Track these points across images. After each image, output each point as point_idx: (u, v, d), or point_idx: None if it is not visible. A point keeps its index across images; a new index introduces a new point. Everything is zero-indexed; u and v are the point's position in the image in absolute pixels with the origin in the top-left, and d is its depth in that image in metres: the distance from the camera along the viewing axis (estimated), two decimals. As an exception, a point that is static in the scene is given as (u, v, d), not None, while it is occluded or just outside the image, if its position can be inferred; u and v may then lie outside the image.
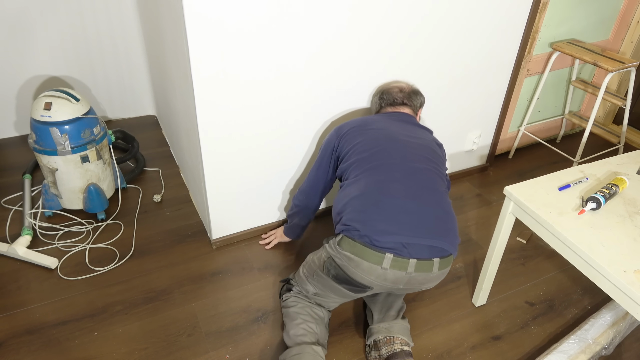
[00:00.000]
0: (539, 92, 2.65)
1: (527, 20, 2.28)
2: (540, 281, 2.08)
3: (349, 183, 1.64)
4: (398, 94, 1.93)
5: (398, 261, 1.48)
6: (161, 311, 1.84)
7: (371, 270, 1.50)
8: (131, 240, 2.16)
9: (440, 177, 1.67)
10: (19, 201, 2.32)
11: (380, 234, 1.48)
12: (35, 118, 2.01)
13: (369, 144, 1.69)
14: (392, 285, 1.54)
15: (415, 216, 1.52)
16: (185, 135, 2.11)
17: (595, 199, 1.51)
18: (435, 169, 1.67)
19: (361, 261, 1.49)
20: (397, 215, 1.51)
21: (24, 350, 1.67)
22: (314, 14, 1.72)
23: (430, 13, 1.97)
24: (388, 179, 1.58)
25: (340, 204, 1.63)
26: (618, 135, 2.87)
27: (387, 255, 1.47)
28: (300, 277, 1.74)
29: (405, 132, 1.75)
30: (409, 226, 1.50)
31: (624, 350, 1.81)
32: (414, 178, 1.59)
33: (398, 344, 1.61)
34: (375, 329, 1.69)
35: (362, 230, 1.50)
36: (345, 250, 1.52)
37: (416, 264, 1.49)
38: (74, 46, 2.69)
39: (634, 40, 2.75)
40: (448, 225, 1.56)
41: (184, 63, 1.70)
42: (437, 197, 1.59)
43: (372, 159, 1.64)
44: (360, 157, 1.67)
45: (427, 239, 1.50)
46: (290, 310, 1.71)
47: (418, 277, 1.52)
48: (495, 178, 2.72)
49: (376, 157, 1.64)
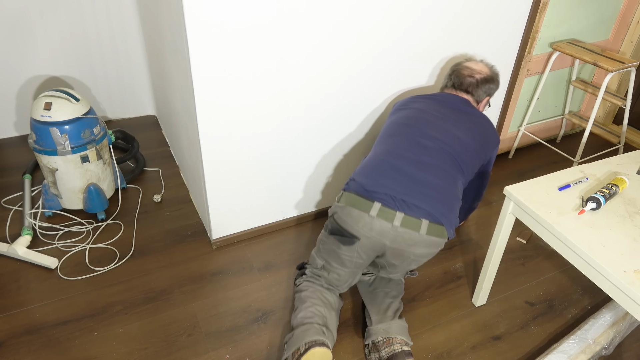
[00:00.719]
0: (539, 92, 2.65)
1: (527, 20, 2.28)
2: (540, 281, 2.08)
3: (373, 147, 1.80)
4: (466, 78, 1.91)
5: (385, 211, 1.56)
6: (161, 311, 1.84)
7: (359, 218, 1.59)
8: (131, 240, 2.16)
9: (458, 166, 1.70)
10: (19, 201, 2.32)
11: (373, 184, 1.60)
12: (35, 118, 2.01)
13: (398, 125, 1.78)
14: (378, 237, 1.58)
15: (413, 180, 1.60)
16: (185, 135, 2.11)
17: (595, 199, 1.51)
18: (456, 158, 1.70)
19: (352, 209, 1.60)
20: (395, 173, 1.62)
21: (24, 350, 1.67)
22: (313, 12, 1.72)
23: (429, 10, 1.97)
24: (400, 151, 1.68)
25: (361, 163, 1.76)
26: (618, 135, 2.87)
27: (375, 203, 1.57)
28: (312, 255, 1.82)
29: (444, 119, 1.77)
30: (404, 185, 1.59)
31: (624, 350, 1.81)
32: (426, 155, 1.66)
33: (397, 345, 1.61)
34: (373, 330, 1.69)
35: (358, 179, 1.64)
36: (342, 202, 1.65)
37: (403, 218, 1.55)
38: (74, 46, 2.69)
39: (634, 40, 2.75)
40: (444, 199, 1.60)
41: (184, 63, 1.70)
42: (444, 176, 1.64)
43: (398, 130, 1.75)
44: (384, 134, 1.79)
45: (418, 201, 1.57)
46: (301, 295, 1.74)
47: (404, 235, 1.56)
48: (495, 178, 2.72)
49: (402, 129, 1.75)
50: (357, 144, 2.20)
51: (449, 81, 1.96)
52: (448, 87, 1.96)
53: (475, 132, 1.79)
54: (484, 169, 1.95)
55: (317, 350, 1.52)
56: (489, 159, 1.91)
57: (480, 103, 1.95)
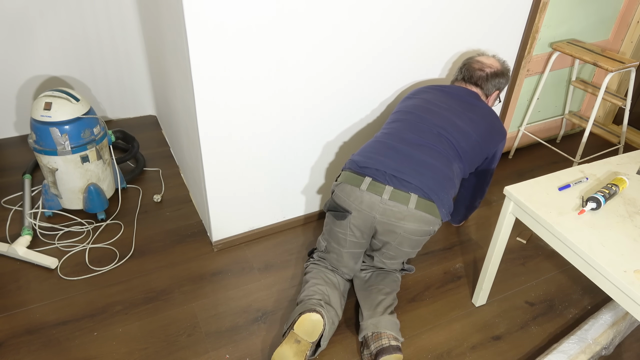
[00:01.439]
0: (539, 92, 2.65)
1: (527, 20, 2.28)
2: (540, 281, 2.08)
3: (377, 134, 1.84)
4: (476, 72, 1.94)
5: (375, 185, 1.63)
6: (161, 311, 1.84)
7: (351, 193, 1.67)
8: (131, 240, 2.16)
9: (455, 151, 1.74)
10: (19, 201, 2.32)
11: (366, 161, 1.67)
12: (35, 118, 2.01)
13: (401, 113, 1.84)
14: (368, 210, 1.64)
15: (405, 157, 1.67)
16: (185, 135, 2.11)
17: (595, 199, 1.51)
18: (453, 144, 1.74)
19: (345, 185, 1.69)
20: (388, 151, 1.69)
21: (24, 350, 1.67)
22: (313, 12, 1.72)
23: (429, 10, 1.97)
24: (397, 133, 1.75)
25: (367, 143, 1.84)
26: (618, 135, 2.87)
27: (365, 179, 1.65)
28: (318, 239, 1.90)
29: (448, 109, 1.81)
30: (396, 161, 1.66)
31: (624, 350, 1.81)
32: (422, 138, 1.72)
33: (386, 339, 1.62)
34: (363, 325, 1.70)
35: (354, 157, 1.72)
36: (339, 180, 1.74)
37: (392, 192, 1.60)
38: (74, 46, 2.70)
39: (634, 40, 2.75)
40: (435, 176, 1.65)
41: (184, 63, 1.70)
42: (437, 156, 1.69)
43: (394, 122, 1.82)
44: (389, 120, 1.86)
45: (408, 176, 1.63)
46: (306, 277, 1.83)
47: (393, 208, 1.61)
48: (495, 178, 2.72)
49: (398, 121, 1.81)
50: (357, 144, 2.20)
51: (459, 74, 1.99)
52: (458, 79, 1.99)
53: (479, 124, 1.81)
54: (487, 165, 1.96)
55: (308, 316, 1.59)
56: (494, 152, 1.92)
57: (490, 97, 1.99)
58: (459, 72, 2.00)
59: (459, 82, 1.99)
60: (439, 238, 2.27)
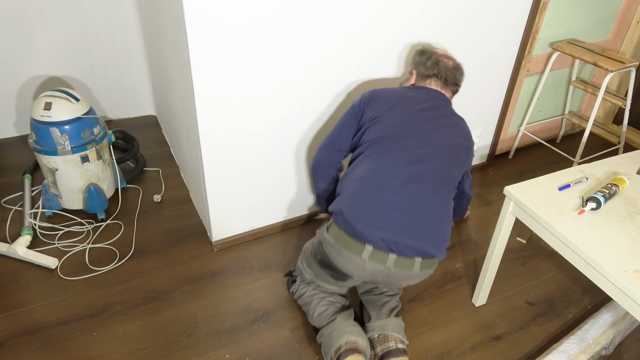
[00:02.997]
0: (539, 92, 2.65)
1: (527, 20, 2.28)
2: (540, 281, 2.08)
3: (356, 163, 1.66)
4: (455, 72, 1.78)
5: (377, 254, 1.50)
6: (161, 311, 1.84)
7: (350, 259, 1.54)
8: (131, 240, 2.16)
9: (449, 179, 1.63)
10: (19, 201, 2.32)
11: (363, 225, 1.51)
12: (35, 118, 2.01)
13: (388, 127, 1.65)
14: (371, 276, 1.57)
15: (405, 215, 1.52)
16: (185, 135, 2.11)
17: (595, 199, 1.51)
18: (447, 172, 1.62)
19: (342, 249, 1.54)
20: (386, 210, 1.52)
21: (24, 350, 1.67)
22: (314, 11, 1.72)
23: (429, 10, 1.97)
24: (391, 170, 1.57)
25: (343, 181, 1.66)
26: (618, 135, 2.87)
27: (367, 247, 1.50)
28: (298, 266, 1.82)
29: (434, 123, 1.66)
30: (396, 224, 1.51)
31: (624, 350, 1.81)
32: (419, 177, 1.57)
33: (392, 342, 1.62)
34: (369, 327, 1.70)
35: (348, 216, 1.54)
36: (331, 235, 1.57)
37: (395, 260, 1.51)
38: (74, 46, 2.69)
39: (634, 40, 2.75)
40: (438, 230, 1.55)
41: (184, 62, 1.70)
42: (437, 199, 1.57)
43: (384, 144, 1.62)
44: (375, 138, 1.65)
45: (411, 239, 1.51)
46: (304, 297, 1.77)
47: (397, 273, 1.55)
48: (495, 178, 2.72)
49: (389, 144, 1.62)
50: (357, 144, 2.20)
51: (433, 69, 1.77)
52: (430, 76, 1.78)
53: (463, 139, 1.71)
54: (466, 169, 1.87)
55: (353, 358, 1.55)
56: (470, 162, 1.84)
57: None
58: (433, 66, 1.77)
59: (431, 79, 1.78)
60: (439, 238, 2.27)
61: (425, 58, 1.80)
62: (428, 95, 1.74)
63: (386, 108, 1.69)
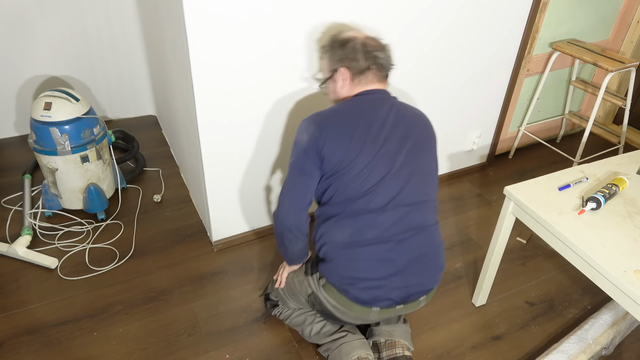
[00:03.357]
0: (539, 92, 2.65)
1: (527, 20, 2.28)
2: (540, 281, 2.08)
3: (333, 222, 1.45)
4: (383, 54, 1.48)
5: (384, 311, 1.48)
6: (161, 311, 1.84)
7: (357, 318, 1.51)
8: (131, 240, 2.16)
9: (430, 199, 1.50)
10: (19, 201, 2.32)
11: (365, 292, 1.42)
12: (35, 118, 2.01)
13: (358, 184, 1.41)
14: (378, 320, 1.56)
15: (402, 265, 1.43)
16: (185, 135, 2.11)
17: (595, 199, 1.51)
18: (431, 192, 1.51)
19: (347, 311, 1.48)
20: (382, 269, 1.42)
21: (24, 350, 1.67)
22: (314, 11, 1.72)
23: (429, 10, 1.97)
24: (377, 229, 1.41)
25: (323, 241, 1.48)
26: (618, 135, 2.87)
27: (373, 309, 1.46)
28: (279, 294, 1.73)
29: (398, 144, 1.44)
30: (396, 278, 1.43)
31: (624, 350, 1.81)
32: (406, 219, 1.43)
33: (399, 349, 1.60)
34: (377, 330, 1.67)
35: (351, 294, 1.43)
36: (331, 297, 1.48)
37: (403, 307, 1.50)
38: (74, 46, 2.69)
39: (634, 40, 2.75)
40: (438, 262, 1.51)
41: (184, 62, 1.70)
42: (427, 234, 1.47)
43: (359, 205, 1.41)
44: (346, 200, 1.42)
45: (415, 287, 1.46)
46: (292, 319, 1.73)
47: (404, 312, 1.53)
48: (495, 178, 2.72)
49: (364, 204, 1.41)
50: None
51: (368, 61, 1.46)
52: (366, 70, 1.47)
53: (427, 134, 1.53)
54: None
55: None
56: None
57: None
58: (366, 56, 1.45)
59: (367, 73, 1.47)
60: (439, 238, 2.27)
61: (350, 49, 1.46)
62: (374, 105, 1.46)
63: (343, 150, 1.40)
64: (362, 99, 1.47)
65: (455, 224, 2.37)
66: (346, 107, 1.46)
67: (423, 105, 2.26)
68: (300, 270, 1.62)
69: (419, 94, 2.21)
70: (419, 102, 2.24)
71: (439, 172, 2.61)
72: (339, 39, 1.50)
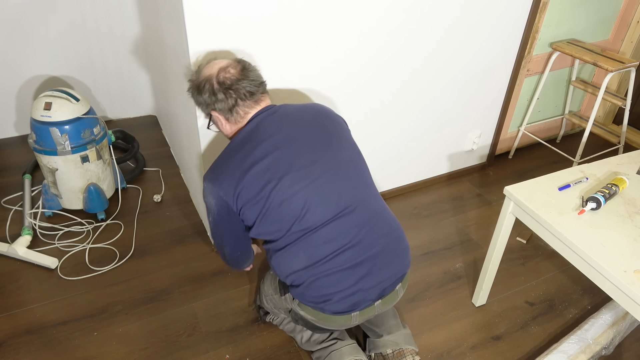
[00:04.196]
0: (539, 92, 2.65)
1: (527, 20, 2.28)
2: (540, 281, 2.08)
3: (284, 253, 1.39)
4: (245, 84, 1.39)
5: (365, 312, 1.45)
6: (161, 311, 1.84)
7: (341, 326, 1.49)
8: (131, 240, 2.15)
9: (371, 181, 1.47)
10: (19, 201, 2.32)
11: (342, 304, 1.38)
12: (35, 118, 2.01)
13: (294, 209, 1.34)
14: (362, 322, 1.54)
15: (374, 266, 1.39)
16: (185, 135, 2.11)
17: (595, 199, 1.51)
18: (365, 177, 1.46)
19: (329, 323, 1.47)
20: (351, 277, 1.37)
21: (24, 350, 1.67)
22: (314, 10, 1.72)
23: (429, 11, 1.97)
24: (328, 239, 1.36)
25: (283, 272, 1.44)
26: (618, 135, 2.87)
27: (353, 314, 1.43)
28: (268, 306, 1.73)
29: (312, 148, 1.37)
30: (372, 279, 1.39)
31: (624, 350, 1.81)
32: (353, 219, 1.38)
33: (409, 356, 1.60)
34: (381, 342, 1.63)
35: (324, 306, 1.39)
36: (309, 314, 1.46)
37: (382, 302, 1.47)
38: (74, 46, 2.69)
39: (634, 40, 2.75)
40: (402, 245, 1.48)
41: (184, 62, 1.70)
42: (381, 223, 1.43)
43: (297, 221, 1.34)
44: (282, 221, 1.35)
45: (390, 278, 1.44)
46: (285, 325, 1.74)
47: (385, 308, 1.51)
48: (495, 178, 2.72)
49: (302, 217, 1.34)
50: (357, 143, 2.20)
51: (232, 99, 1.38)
52: (234, 106, 1.39)
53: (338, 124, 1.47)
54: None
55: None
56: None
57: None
58: (227, 94, 1.37)
59: (238, 107, 1.39)
60: (439, 238, 2.27)
61: (209, 93, 1.39)
62: (258, 130, 1.38)
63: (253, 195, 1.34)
64: (246, 131, 1.39)
65: (455, 224, 2.37)
66: (235, 146, 1.39)
67: (423, 105, 2.26)
68: (276, 288, 1.59)
69: (420, 95, 2.21)
70: (420, 104, 2.24)
71: (439, 173, 2.62)
72: (195, 84, 1.43)
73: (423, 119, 2.31)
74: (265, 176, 1.32)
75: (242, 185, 1.33)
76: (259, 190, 1.33)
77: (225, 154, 1.40)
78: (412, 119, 2.28)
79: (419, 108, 2.26)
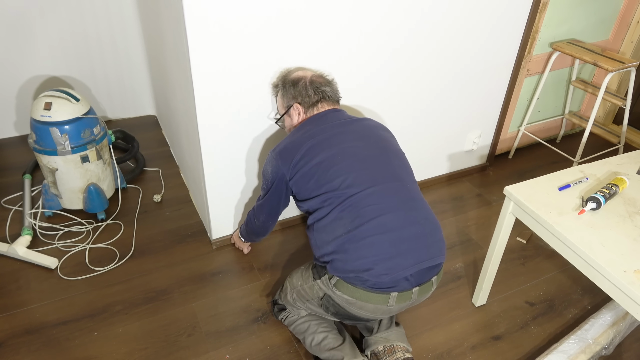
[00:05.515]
0: (539, 92, 2.65)
1: (527, 20, 2.28)
2: (540, 281, 2.08)
3: (330, 221, 1.49)
4: (329, 89, 1.68)
5: (402, 295, 1.47)
6: (161, 311, 1.84)
7: (376, 310, 1.49)
8: (131, 240, 2.16)
9: (414, 178, 1.60)
10: (19, 201, 2.32)
11: (383, 277, 1.42)
12: (35, 118, 2.01)
13: (342, 173, 1.49)
14: (396, 312, 1.56)
15: (414, 243, 1.45)
16: (185, 135, 2.11)
17: (595, 199, 1.51)
18: (410, 173, 1.60)
19: (365, 304, 1.47)
20: (395, 250, 1.43)
21: (24, 350, 1.67)
22: (314, 13, 1.72)
23: (430, 11, 1.97)
24: (371, 202, 1.46)
25: (325, 242, 1.51)
26: (618, 135, 2.87)
27: (392, 294, 1.45)
28: (288, 301, 1.72)
29: (366, 140, 1.57)
30: (411, 256, 1.45)
31: (624, 350, 1.81)
32: (400, 197, 1.49)
33: (400, 353, 1.60)
34: (372, 340, 1.65)
35: (367, 277, 1.43)
36: (345, 294, 1.47)
37: (419, 290, 1.49)
38: (74, 46, 2.69)
39: (634, 40, 2.75)
40: (439, 234, 1.53)
41: (184, 62, 1.70)
42: (425, 209, 1.53)
43: (351, 192, 1.47)
44: (336, 192, 1.49)
45: (428, 262, 1.47)
46: (297, 326, 1.72)
47: (419, 299, 1.53)
48: (495, 178, 2.72)
49: (355, 189, 1.47)
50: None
51: (317, 95, 1.66)
52: (316, 102, 1.67)
53: (383, 130, 1.67)
54: None
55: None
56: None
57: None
58: (316, 92, 1.66)
59: (319, 104, 1.66)
60: (439, 238, 2.27)
61: (302, 87, 1.66)
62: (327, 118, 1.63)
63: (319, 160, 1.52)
64: (316, 116, 1.65)
65: (455, 224, 2.37)
66: (299, 128, 1.63)
67: (423, 105, 2.26)
68: (308, 277, 1.62)
69: (420, 95, 2.21)
70: (420, 104, 2.24)
71: (439, 173, 2.62)
72: (290, 79, 1.69)
73: (423, 119, 2.31)
74: (318, 148, 1.53)
75: (300, 154, 1.54)
76: (312, 157, 1.52)
77: (292, 134, 1.63)
78: (412, 118, 2.28)
79: (419, 108, 2.26)
